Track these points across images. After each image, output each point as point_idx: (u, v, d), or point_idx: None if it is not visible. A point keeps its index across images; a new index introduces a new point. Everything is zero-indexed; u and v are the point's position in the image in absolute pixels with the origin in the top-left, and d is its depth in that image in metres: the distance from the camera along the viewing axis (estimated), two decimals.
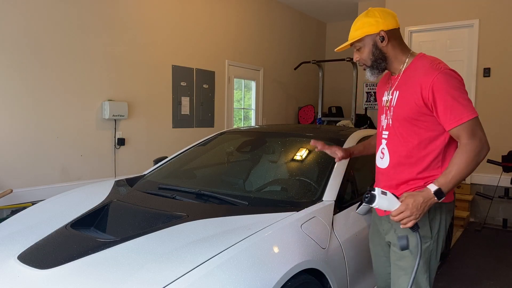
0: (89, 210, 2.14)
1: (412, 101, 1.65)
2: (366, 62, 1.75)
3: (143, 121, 4.78)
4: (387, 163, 1.78)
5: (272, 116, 7.10)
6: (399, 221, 1.56)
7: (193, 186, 2.47)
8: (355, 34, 1.73)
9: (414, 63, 1.71)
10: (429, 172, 1.68)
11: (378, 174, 1.87)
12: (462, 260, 3.80)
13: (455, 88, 1.58)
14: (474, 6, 5.27)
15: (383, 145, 1.80)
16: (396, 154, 1.74)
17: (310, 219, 1.96)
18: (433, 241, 1.70)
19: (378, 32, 1.69)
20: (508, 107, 5.09)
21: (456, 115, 1.56)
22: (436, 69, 1.60)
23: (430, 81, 1.59)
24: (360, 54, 1.75)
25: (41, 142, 3.83)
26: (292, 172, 2.62)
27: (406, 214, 1.53)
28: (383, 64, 1.74)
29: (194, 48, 5.39)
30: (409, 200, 1.53)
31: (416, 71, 1.67)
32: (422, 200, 1.53)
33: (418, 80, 1.63)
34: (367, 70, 1.76)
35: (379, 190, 1.53)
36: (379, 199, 1.52)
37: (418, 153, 1.69)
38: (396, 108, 1.73)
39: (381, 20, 1.69)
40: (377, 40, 1.70)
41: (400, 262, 1.72)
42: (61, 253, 1.71)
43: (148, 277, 1.49)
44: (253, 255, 1.62)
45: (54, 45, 3.87)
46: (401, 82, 1.72)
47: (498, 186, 4.98)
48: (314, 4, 7.17)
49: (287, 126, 3.39)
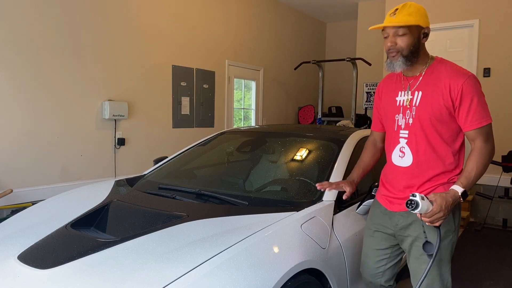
0: (89, 210, 2.14)
1: (440, 101, 1.72)
2: (404, 50, 1.71)
3: (143, 121, 4.78)
4: (410, 161, 1.82)
5: (272, 116, 7.10)
6: (430, 222, 1.63)
7: (193, 186, 2.47)
8: (408, 19, 1.69)
9: (436, 66, 1.77)
10: (451, 168, 1.78)
11: (395, 173, 1.88)
12: (462, 260, 3.80)
13: (480, 93, 1.70)
14: (474, 6, 5.26)
15: (402, 144, 1.84)
16: (421, 152, 1.79)
17: (310, 219, 1.96)
18: (454, 234, 1.81)
19: (426, 26, 1.73)
20: (508, 107, 5.09)
21: (478, 118, 1.68)
22: (464, 73, 1.70)
23: (461, 83, 1.67)
24: (400, 40, 1.71)
25: (41, 142, 3.83)
26: (292, 172, 2.62)
27: (440, 215, 1.61)
28: (415, 58, 1.75)
29: (194, 48, 5.40)
30: (441, 202, 1.61)
31: (441, 73, 1.74)
32: (451, 201, 1.63)
33: (446, 82, 1.71)
34: (400, 59, 1.72)
35: (419, 196, 1.58)
36: (421, 204, 1.57)
37: (441, 150, 1.77)
38: (419, 108, 1.77)
39: (427, 19, 1.74)
40: (421, 34, 1.74)
41: (424, 256, 1.78)
42: (61, 253, 1.71)
43: (148, 277, 1.49)
44: (253, 255, 1.62)
45: (54, 45, 3.87)
46: (424, 83, 1.77)
47: (498, 186, 4.98)
48: (314, 4, 7.17)
49: (287, 126, 3.39)
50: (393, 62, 1.74)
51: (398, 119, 1.85)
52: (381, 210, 1.96)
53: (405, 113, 1.82)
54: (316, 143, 2.76)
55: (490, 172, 5.14)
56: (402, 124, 1.83)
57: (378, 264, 1.98)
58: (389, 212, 1.90)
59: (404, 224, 1.84)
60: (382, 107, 1.97)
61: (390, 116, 1.90)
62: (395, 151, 1.87)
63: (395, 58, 1.73)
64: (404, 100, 1.82)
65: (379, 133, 2.09)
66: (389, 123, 1.91)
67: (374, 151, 2.13)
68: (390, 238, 1.94)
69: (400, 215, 1.85)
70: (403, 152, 1.84)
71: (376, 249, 1.98)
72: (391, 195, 1.90)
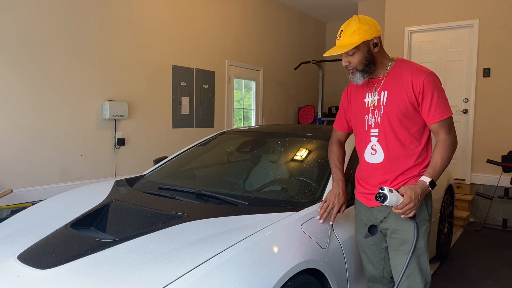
0: (89, 210, 2.14)
1: (404, 98, 1.84)
2: (358, 66, 1.86)
3: (143, 121, 4.78)
4: (382, 158, 1.92)
5: (272, 116, 7.10)
6: (403, 213, 1.74)
7: (193, 186, 2.47)
8: (352, 40, 1.80)
9: (398, 66, 1.89)
10: (420, 161, 1.89)
11: (369, 170, 1.98)
12: (462, 260, 3.80)
13: (440, 89, 1.83)
14: (474, 6, 5.27)
15: (374, 142, 1.94)
16: (391, 148, 1.89)
17: (310, 219, 1.97)
18: (429, 223, 1.93)
19: (372, 38, 1.82)
20: (508, 107, 5.09)
21: (439, 112, 1.81)
22: (425, 71, 1.83)
23: (422, 80, 1.80)
24: (352, 58, 1.85)
25: (41, 142, 3.83)
26: (292, 172, 2.62)
27: (411, 206, 1.72)
28: (372, 68, 1.89)
29: (194, 48, 5.40)
30: (411, 193, 1.72)
31: (403, 72, 1.86)
32: (420, 191, 1.74)
33: (408, 79, 1.83)
34: (358, 74, 1.87)
35: (387, 189, 1.68)
36: (390, 196, 1.68)
37: (410, 144, 1.88)
38: (387, 106, 1.89)
39: (373, 28, 1.83)
40: (370, 46, 1.84)
41: (402, 247, 1.88)
42: (61, 253, 1.71)
43: (148, 277, 1.49)
44: (253, 255, 1.62)
45: (54, 45, 3.87)
46: (388, 83, 1.89)
47: (498, 186, 4.98)
48: (314, 4, 7.17)
49: (287, 126, 3.39)
50: (353, 77, 1.89)
51: (368, 119, 1.95)
52: (363, 207, 2.05)
53: (373, 113, 1.93)
54: (316, 143, 2.77)
55: (490, 172, 5.15)
56: (372, 124, 1.94)
57: (377, 258, 2.05)
58: (369, 208, 2.00)
59: (382, 218, 1.94)
60: (351, 109, 2.07)
61: (360, 117, 2.00)
62: (367, 150, 1.97)
63: (354, 73, 1.88)
64: (371, 101, 1.94)
65: (342, 133, 2.19)
66: (360, 124, 2.00)
67: (341, 149, 2.21)
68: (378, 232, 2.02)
69: (378, 210, 1.96)
70: (374, 150, 1.94)
71: (370, 245, 2.05)
72: (367, 192, 1.99)
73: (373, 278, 2.10)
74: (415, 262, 1.87)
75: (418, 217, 1.85)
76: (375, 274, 2.08)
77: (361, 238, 2.09)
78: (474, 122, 5.28)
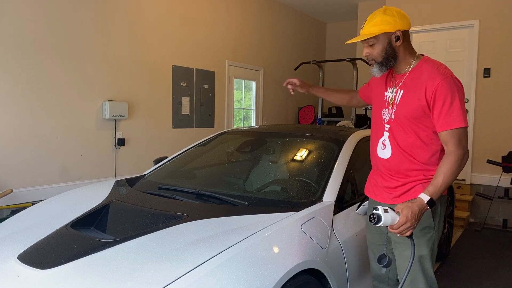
0: (89, 210, 2.14)
1: (416, 101, 1.77)
2: (377, 58, 1.81)
3: (143, 121, 4.78)
4: (389, 154, 1.90)
5: (272, 116, 7.10)
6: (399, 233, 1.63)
7: (193, 186, 2.47)
8: (372, 30, 1.76)
9: (420, 66, 1.81)
10: (427, 167, 1.82)
11: (377, 163, 1.99)
12: (462, 260, 3.80)
13: (455, 95, 1.70)
14: (474, 6, 5.27)
15: (385, 137, 1.92)
16: (398, 146, 1.87)
17: (310, 219, 1.97)
18: (435, 231, 1.85)
19: (394, 31, 1.76)
20: (508, 107, 5.09)
21: (449, 120, 1.69)
22: (442, 74, 1.72)
23: (437, 83, 1.70)
24: (372, 49, 1.81)
25: (41, 142, 3.83)
26: (292, 172, 2.62)
27: (407, 226, 1.61)
28: (392, 63, 1.83)
29: (194, 48, 5.40)
30: (407, 212, 1.61)
31: (422, 73, 1.78)
32: (418, 210, 1.63)
33: (423, 82, 1.75)
34: (376, 66, 1.83)
35: (381, 209, 1.59)
36: (384, 217, 1.58)
37: (417, 148, 1.82)
38: (399, 106, 1.84)
39: (398, 20, 1.76)
40: (392, 39, 1.77)
41: (406, 252, 1.84)
42: (61, 253, 1.71)
43: (148, 277, 1.49)
44: (253, 255, 1.62)
45: (54, 45, 3.87)
46: (406, 82, 1.83)
47: (498, 187, 4.98)
48: (314, 4, 7.17)
49: (287, 126, 3.40)
50: (372, 69, 1.86)
51: (384, 113, 1.94)
52: (372, 203, 2.05)
53: (389, 109, 1.91)
54: (316, 144, 2.77)
55: (490, 173, 5.15)
56: (386, 119, 1.92)
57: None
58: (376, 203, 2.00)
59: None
60: (373, 96, 2.07)
61: (378, 109, 2.00)
62: (379, 143, 1.97)
63: (372, 65, 1.85)
64: (390, 96, 1.91)
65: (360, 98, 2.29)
66: (377, 115, 2.00)
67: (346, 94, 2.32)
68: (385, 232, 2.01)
69: None
70: (384, 145, 1.93)
71: (379, 245, 2.04)
72: (375, 185, 2.01)
73: (379, 277, 2.11)
74: (419, 268, 1.84)
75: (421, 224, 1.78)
76: (381, 273, 2.09)
77: (368, 236, 2.10)
78: (474, 122, 5.28)
